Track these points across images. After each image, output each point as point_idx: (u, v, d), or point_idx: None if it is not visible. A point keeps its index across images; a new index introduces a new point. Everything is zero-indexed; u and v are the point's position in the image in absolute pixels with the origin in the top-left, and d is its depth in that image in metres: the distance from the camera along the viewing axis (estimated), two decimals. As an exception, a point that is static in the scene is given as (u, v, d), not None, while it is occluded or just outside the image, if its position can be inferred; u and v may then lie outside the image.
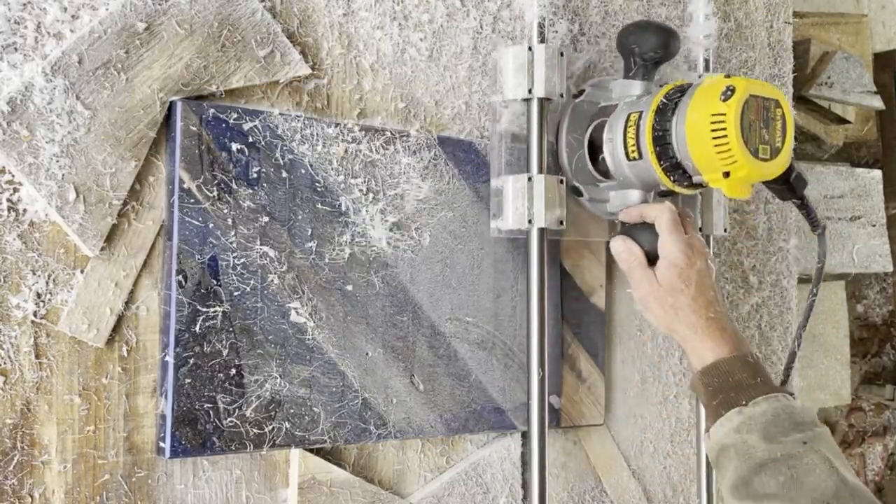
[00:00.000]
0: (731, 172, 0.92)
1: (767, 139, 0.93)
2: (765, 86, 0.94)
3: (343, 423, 0.96)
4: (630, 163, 1.00)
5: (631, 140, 0.99)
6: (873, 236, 1.95)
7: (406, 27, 1.04)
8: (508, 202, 1.03)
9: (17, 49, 0.82)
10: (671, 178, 0.98)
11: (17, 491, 0.81)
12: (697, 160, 0.94)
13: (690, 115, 0.93)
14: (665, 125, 0.96)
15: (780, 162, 0.94)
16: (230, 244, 0.90)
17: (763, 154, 0.92)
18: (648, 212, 1.02)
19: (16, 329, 0.82)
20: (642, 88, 1.04)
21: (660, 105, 0.97)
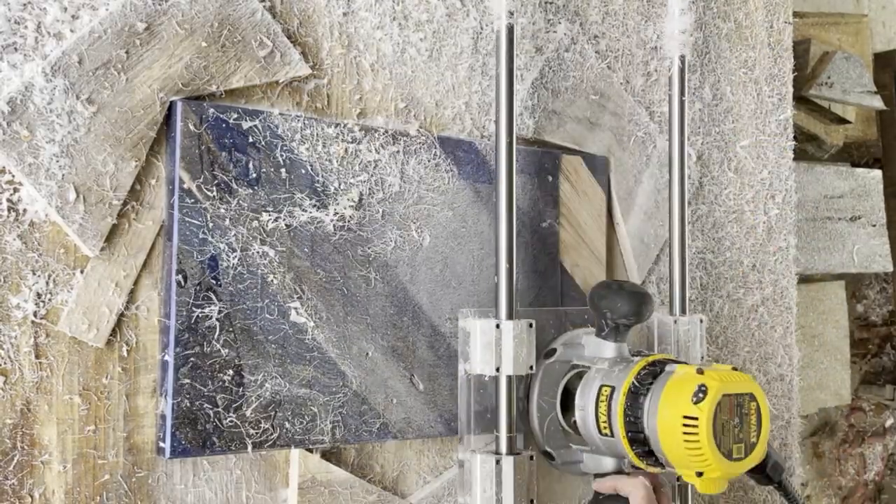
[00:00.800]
0: (704, 473, 0.90)
1: (742, 437, 0.91)
2: (739, 380, 0.92)
3: (343, 423, 0.96)
4: (602, 437, 0.99)
5: (603, 416, 0.98)
6: (873, 236, 1.95)
7: (406, 27, 1.04)
8: (476, 483, 0.99)
9: (17, 49, 0.82)
10: (644, 462, 0.96)
11: (17, 491, 0.81)
12: (670, 456, 0.92)
13: (661, 412, 0.92)
14: (637, 412, 0.94)
15: (754, 457, 0.93)
16: (230, 244, 0.90)
17: (737, 454, 0.91)
18: (622, 486, 1.00)
19: (16, 329, 0.82)
20: (615, 351, 1.03)
21: (631, 388, 0.95)
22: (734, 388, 0.91)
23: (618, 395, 0.97)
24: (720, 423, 0.89)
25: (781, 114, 1.40)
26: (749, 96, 1.36)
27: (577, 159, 1.16)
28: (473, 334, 1.01)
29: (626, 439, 0.95)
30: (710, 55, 1.32)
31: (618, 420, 0.96)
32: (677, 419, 0.90)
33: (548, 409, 1.05)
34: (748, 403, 0.92)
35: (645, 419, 0.94)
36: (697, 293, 1.30)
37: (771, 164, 1.38)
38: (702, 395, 0.89)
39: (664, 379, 0.94)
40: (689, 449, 0.89)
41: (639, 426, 0.94)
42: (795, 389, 1.41)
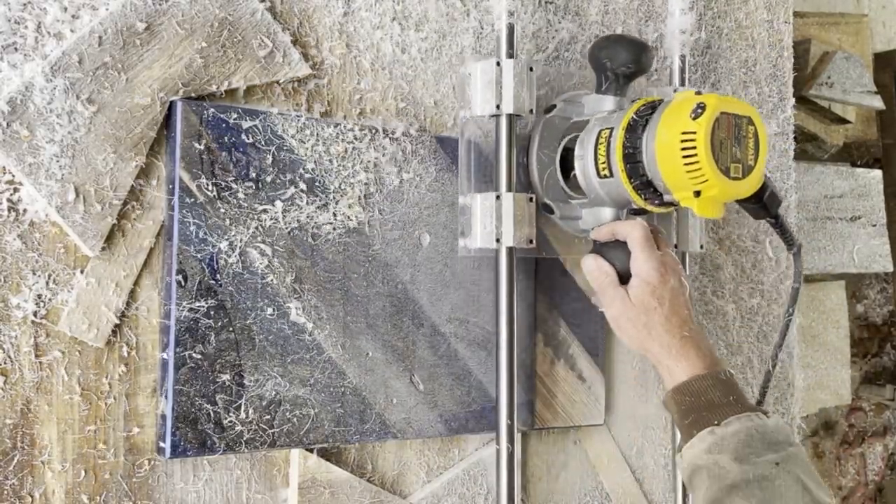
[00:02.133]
0: (701, 191, 0.90)
1: (739, 157, 0.91)
2: (737, 103, 0.92)
3: (343, 423, 0.96)
4: (601, 180, 0.98)
5: (602, 157, 0.97)
6: (873, 236, 1.95)
7: (406, 27, 1.04)
8: (476, 221, 1.00)
9: (18, 49, 0.82)
10: (642, 196, 0.96)
11: (17, 491, 0.81)
12: (668, 179, 0.92)
13: (660, 132, 0.91)
14: (635, 143, 0.94)
15: (752, 180, 0.92)
16: (230, 244, 0.90)
17: (735, 173, 0.90)
18: (620, 229, 1.00)
19: (16, 329, 0.82)
20: (614, 104, 1.02)
21: (630, 122, 0.95)
22: (733, 108, 0.91)
23: (616, 133, 0.96)
24: (718, 141, 0.89)
25: (781, 114, 1.40)
26: (749, 96, 1.36)
27: (577, 159, 1.16)
28: (474, 75, 1.01)
29: (624, 173, 0.94)
30: (710, 55, 1.32)
31: (616, 155, 0.95)
32: (675, 136, 0.89)
33: (547, 163, 1.04)
34: (746, 126, 0.91)
35: (643, 147, 0.93)
36: (697, 295, 1.30)
37: (771, 164, 1.38)
38: (700, 111, 0.88)
39: (663, 107, 0.93)
40: (688, 165, 0.89)
41: (637, 156, 0.93)
42: (796, 389, 1.41)
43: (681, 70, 1.19)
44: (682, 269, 1.00)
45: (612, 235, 1.01)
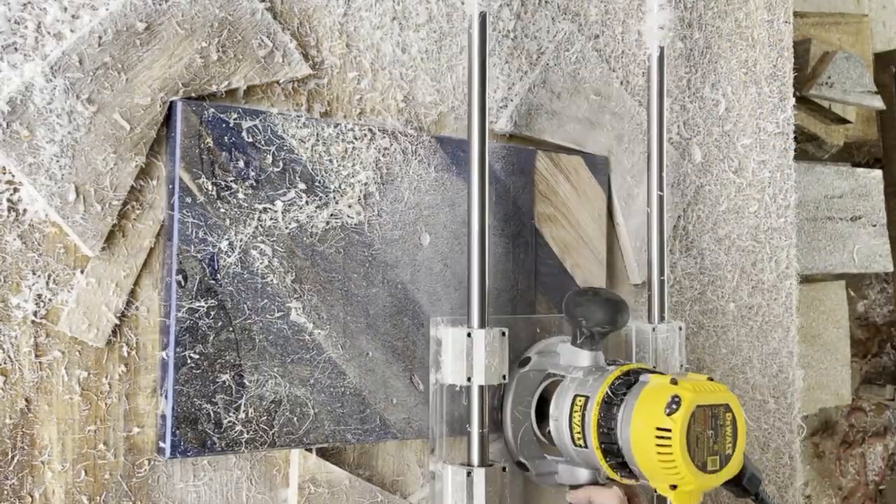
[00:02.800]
0: (678, 486, 0.89)
1: (717, 449, 0.90)
2: (713, 391, 0.90)
3: (343, 423, 0.96)
4: (576, 448, 0.98)
5: (577, 427, 0.97)
6: (873, 236, 1.95)
7: (406, 27, 1.04)
8: (448, 495, 0.98)
9: (17, 49, 0.82)
10: (618, 474, 0.95)
11: (17, 491, 0.81)
12: (643, 468, 0.91)
13: (635, 423, 0.91)
14: (610, 423, 0.93)
15: (730, 469, 0.91)
16: (230, 244, 0.90)
17: (712, 466, 0.89)
18: (596, 497, 0.99)
19: (16, 329, 0.82)
20: (590, 359, 1.01)
21: (604, 398, 0.94)
22: (709, 398, 0.89)
23: (591, 406, 0.95)
24: (694, 435, 0.88)
25: (781, 114, 1.40)
26: (749, 96, 1.36)
27: (578, 159, 1.16)
28: (445, 343, 0.99)
29: (599, 450, 0.94)
30: (711, 55, 1.32)
31: (591, 431, 0.95)
32: (650, 431, 0.89)
33: (522, 420, 1.04)
34: (723, 415, 0.90)
35: (618, 430, 0.92)
36: (698, 294, 1.30)
37: (771, 164, 1.38)
38: (675, 407, 0.88)
39: (638, 389, 0.93)
40: (663, 461, 0.88)
41: (612, 437, 0.93)
42: (796, 389, 1.41)
43: (658, 69, 1.17)
44: None
45: (589, 502, 1.00)
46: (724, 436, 0.90)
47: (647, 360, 1.14)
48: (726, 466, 0.91)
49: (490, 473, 0.98)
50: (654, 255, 1.17)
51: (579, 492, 1.02)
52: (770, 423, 1.38)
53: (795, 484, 1.41)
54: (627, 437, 0.91)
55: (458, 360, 0.98)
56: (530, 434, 1.05)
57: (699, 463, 0.88)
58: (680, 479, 0.88)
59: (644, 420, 0.90)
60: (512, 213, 1.10)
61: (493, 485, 0.98)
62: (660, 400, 0.89)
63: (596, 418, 0.94)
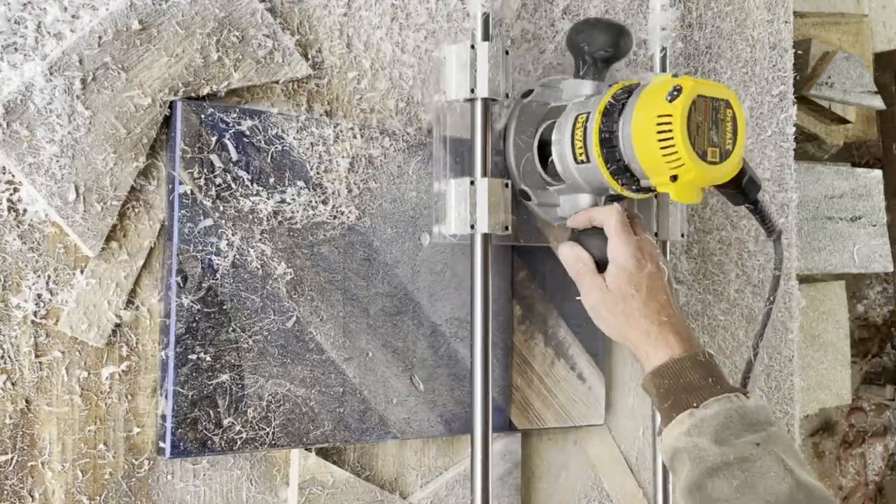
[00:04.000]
0: (678, 176, 0.88)
1: (717, 141, 0.89)
2: (715, 86, 0.90)
3: (343, 423, 0.96)
4: (578, 166, 0.96)
5: (578, 142, 0.95)
6: (873, 236, 1.95)
7: (406, 27, 1.04)
8: (451, 207, 0.98)
9: (17, 49, 0.82)
10: (619, 181, 0.94)
11: (17, 491, 0.81)
12: (644, 163, 0.90)
13: (636, 116, 0.89)
14: (612, 127, 0.92)
15: (730, 165, 0.90)
16: (230, 244, 0.90)
17: (712, 157, 0.88)
18: (596, 215, 0.98)
19: (16, 329, 0.82)
20: (593, 88, 1.01)
21: (607, 106, 0.93)
22: (710, 91, 0.89)
23: (593, 117, 0.94)
24: (694, 124, 0.87)
25: (781, 114, 1.40)
26: (749, 96, 1.36)
27: (578, 159, 1.16)
28: (448, 59, 0.99)
29: (600, 158, 0.93)
30: (711, 55, 1.32)
31: (593, 140, 0.93)
32: (651, 119, 0.88)
33: (524, 149, 1.03)
34: (724, 109, 0.90)
35: (620, 131, 0.91)
36: (699, 295, 1.30)
37: (771, 164, 1.38)
38: (676, 94, 0.87)
39: (639, 91, 0.92)
40: (664, 149, 0.87)
41: (613, 140, 0.91)
42: (796, 389, 1.41)
43: (661, 66, 1.17)
44: (660, 254, 0.99)
45: (589, 222, 1.00)
46: (724, 130, 0.90)
47: None
48: (726, 160, 0.90)
49: (493, 184, 0.98)
50: None
51: (580, 213, 1.01)
52: (770, 423, 1.38)
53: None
54: (629, 133, 0.90)
55: (462, 73, 0.98)
56: (532, 164, 1.03)
57: (699, 151, 0.87)
58: (680, 168, 0.87)
59: (645, 111, 0.89)
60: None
61: (496, 195, 0.98)
62: (661, 91, 0.88)
63: (598, 126, 0.93)
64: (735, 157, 0.91)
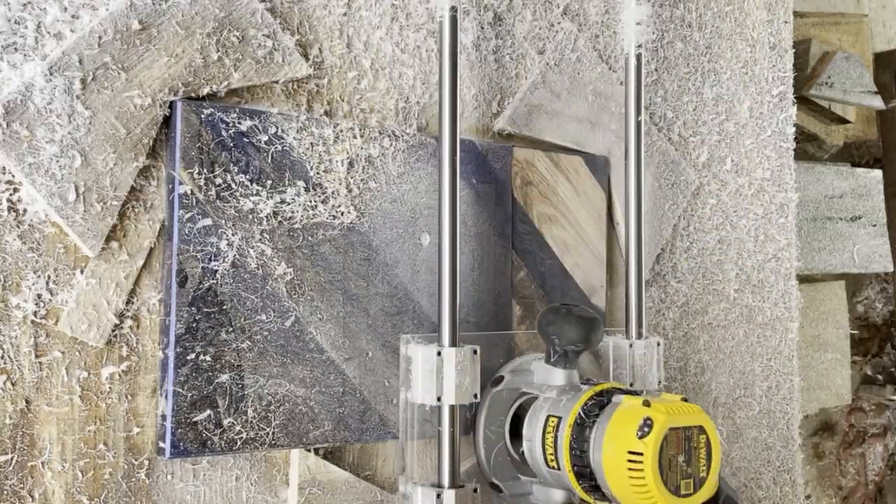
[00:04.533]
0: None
1: (690, 472, 0.88)
2: (687, 412, 0.89)
3: (343, 423, 0.96)
4: (550, 470, 0.97)
5: (549, 448, 0.96)
6: (873, 236, 1.95)
7: (406, 27, 1.04)
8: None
9: (17, 49, 0.82)
10: (591, 497, 0.94)
11: (17, 491, 0.81)
12: (615, 491, 0.89)
13: (607, 445, 0.89)
14: (583, 446, 0.92)
15: (705, 492, 0.89)
16: (230, 244, 0.90)
17: (685, 490, 0.87)
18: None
19: (16, 329, 0.82)
20: (564, 378, 1.00)
21: (577, 420, 0.93)
22: (682, 420, 0.88)
23: (564, 427, 0.94)
24: (667, 458, 0.86)
25: (781, 114, 1.40)
26: (749, 96, 1.36)
27: (578, 159, 1.16)
28: (415, 361, 0.98)
29: (571, 473, 0.93)
30: (711, 55, 1.32)
31: (564, 453, 0.94)
32: (622, 454, 0.87)
33: (495, 440, 1.03)
34: (697, 437, 0.89)
35: (591, 453, 0.91)
36: (698, 294, 1.30)
37: (771, 164, 1.38)
38: (647, 430, 0.86)
39: (610, 410, 0.91)
40: (635, 485, 0.87)
41: (584, 460, 0.92)
42: (796, 389, 1.41)
43: (636, 67, 1.14)
44: None
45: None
46: (698, 458, 0.89)
47: (623, 376, 1.12)
48: (700, 490, 0.89)
49: (461, 496, 0.96)
50: (633, 270, 1.14)
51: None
52: (770, 422, 1.38)
53: (796, 484, 1.41)
54: (599, 460, 0.90)
55: (429, 379, 0.96)
56: (504, 454, 1.03)
57: (672, 487, 0.87)
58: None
59: (616, 443, 0.89)
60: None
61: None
62: (632, 422, 0.88)
63: (568, 440, 0.93)
64: (709, 483, 0.90)
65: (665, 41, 1.27)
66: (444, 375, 0.96)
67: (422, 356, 0.97)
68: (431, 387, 0.96)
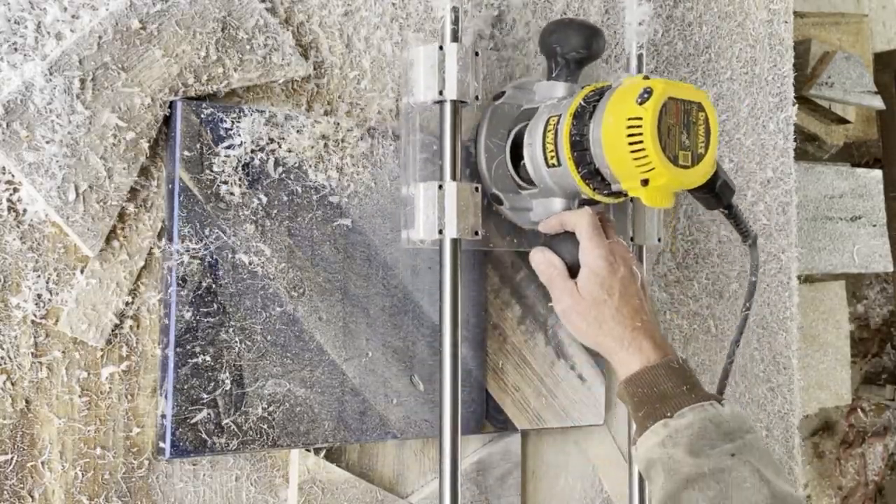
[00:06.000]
0: (649, 180, 0.86)
1: (688, 145, 0.87)
2: (687, 88, 0.88)
3: (343, 423, 0.96)
4: (549, 169, 0.95)
5: (550, 145, 0.93)
6: (873, 236, 1.95)
7: (406, 27, 1.04)
8: (419, 211, 0.96)
9: (17, 49, 0.82)
10: (591, 185, 0.92)
11: (17, 491, 0.81)
12: (615, 167, 0.88)
13: (606, 118, 0.88)
14: (582, 130, 0.90)
15: (702, 169, 0.88)
16: (230, 244, 0.90)
17: (683, 161, 0.86)
18: (567, 219, 0.97)
19: (16, 329, 0.82)
20: (565, 90, 0.99)
21: (577, 108, 0.91)
22: (681, 93, 0.87)
23: (564, 119, 0.92)
24: (665, 127, 0.85)
25: (781, 114, 1.40)
26: (749, 96, 1.36)
27: (578, 159, 1.16)
28: (416, 60, 0.96)
29: (571, 162, 0.91)
30: (711, 55, 1.32)
31: (564, 143, 0.91)
32: (621, 122, 0.86)
33: (496, 152, 1.01)
34: (696, 112, 0.88)
35: (590, 134, 0.89)
36: (699, 294, 1.30)
37: (771, 164, 1.38)
38: (647, 96, 0.85)
39: (610, 93, 0.90)
40: (634, 153, 0.85)
41: (584, 143, 0.90)
42: (796, 389, 1.41)
43: (639, 65, 1.15)
44: (633, 258, 0.97)
45: (561, 227, 0.98)
46: (696, 134, 0.88)
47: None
48: (698, 164, 0.88)
49: (462, 188, 0.96)
50: None
51: (552, 218, 0.99)
52: (770, 423, 1.38)
53: (796, 484, 1.41)
54: (599, 136, 0.88)
55: (431, 75, 0.96)
56: (504, 167, 1.01)
57: (671, 155, 0.85)
58: (651, 172, 0.85)
59: (615, 114, 0.87)
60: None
61: (465, 199, 0.96)
62: (632, 93, 0.86)
63: (568, 129, 0.91)
64: (708, 160, 0.89)
65: (666, 41, 1.27)
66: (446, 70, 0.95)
67: (424, 54, 0.96)
68: (433, 83, 0.95)
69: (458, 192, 0.96)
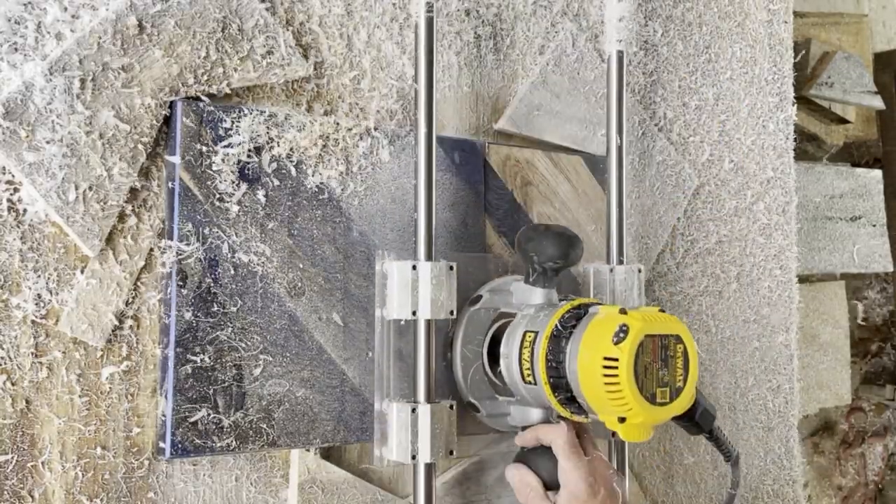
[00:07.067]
0: (626, 418, 0.85)
1: (667, 381, 0.86)
2: (664, 321, 0.87)
3: (343, 423, 0.96)
4: (526, 385, 0.94)
5: (526, 363, 0.93)
6: (873, 236, 1.95)
7: (406, 27, 1.04)
8: (392, 433, 0.94)
9: (17, 49, 0.82)
10: (568, 410, 0.91)
11: (17, 491, 0.81)
12: (591, 401, 0.87)
13: (582, 353, 0.87)
14: (558, 356, 0.89)
15: (681, 403, 0.87)
16: (230, 243, 0.90)
17: (661, 398, 0.85)
18: (543, 435, 0.95)
19: (16, 329, 0.82)
20: (543, 297, 0.98)
21: (553, 332, 0.91)
22: (658, 328, 0.86)
23: (540, 340, 0.92)
24: (642, 366, 0.84)
25: (781, 114, 1.40)
26: (749, 96, 1.36)
27: (577, 159, 1.16)
28: (391, 276, 0.96)
29: (547, 385, 0.90)
30: (711, 55, 1.32)
31: (540, 365, 0.91)
32: (597, 361, 0.85)
33: (472, 359, 1.01)
34: (674, 346, 0.86)
35: (566, 363, 0.89)
36: (697, 293, 1.30)
37: (771, 164, 1.38)
38: (623, 335, 0.84)
39: (587, 321, 0.89)
40: (610, 392, 0.84)
41: (560, 371, 0.89)
42: (795, 389, 1.41)
43: (618, 66, 1.13)
44: (613, 474, 0.96)
45: (537, 441, 0.97)
46: (674, 367, 0.86)
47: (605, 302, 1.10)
48: (677, 399, 0.87)
49: (436, 410, 0.95)
50: (614, 201, 1.13)
51: (527, 432, 0.98)
52: (770, 422, 1.38)
53: (796, 484, 1.41)
54: (575, 369, 0.87)
55: (404, 293, 0.95)
56: (481, 373, 1.01)
57: (648, 394, 0.84)
58: (628, 412, 0.84)
59: (591, 350, 0.86)
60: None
61: (439, 422, 0.95)
62: (608, 329, 0.85)
63: (544, 352, 0.91)
64: (686, 393, 0.88)
65: (665, 41, 1.27)
66: (419, 290, 0.94)
67: (397, 270, 0.95)
68: (407, 301, 0.95)
69: (433, 416, 0.95)
